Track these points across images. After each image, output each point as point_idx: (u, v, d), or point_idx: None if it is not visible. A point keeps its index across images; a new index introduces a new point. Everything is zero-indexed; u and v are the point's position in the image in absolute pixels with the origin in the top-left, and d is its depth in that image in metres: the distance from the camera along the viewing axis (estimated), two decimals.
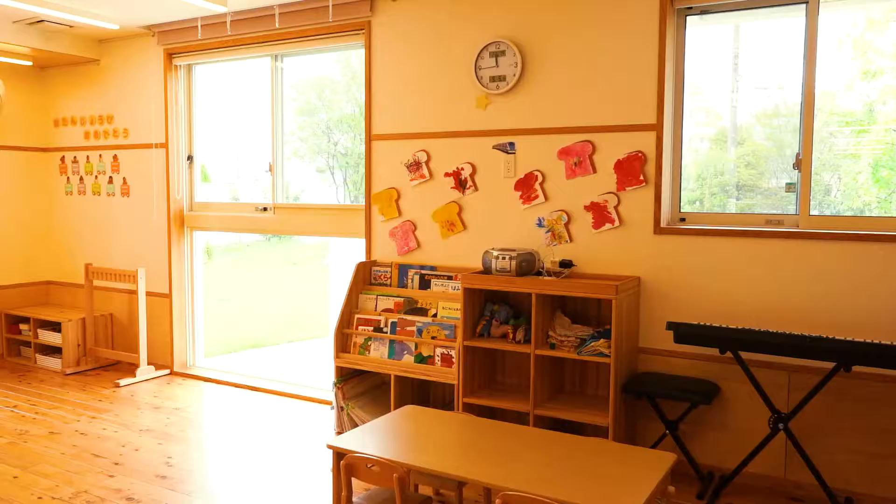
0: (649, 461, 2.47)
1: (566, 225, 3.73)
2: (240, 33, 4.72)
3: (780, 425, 3.08)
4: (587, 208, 3.67)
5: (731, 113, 3.65)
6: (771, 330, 3.07)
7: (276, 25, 4.54)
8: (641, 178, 3.52)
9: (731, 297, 3.38)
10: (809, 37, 3.26)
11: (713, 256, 3.40)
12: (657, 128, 3.47)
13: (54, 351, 5.49)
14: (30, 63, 5.60)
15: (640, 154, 3.51)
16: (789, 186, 3.41)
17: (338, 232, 4.66)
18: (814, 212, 3.33)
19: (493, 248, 3.64)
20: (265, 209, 4.95)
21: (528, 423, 3.41)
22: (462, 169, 4.02)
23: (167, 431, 4.09)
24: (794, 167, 3.36)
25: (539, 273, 3.62)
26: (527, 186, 3.82)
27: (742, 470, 3.19)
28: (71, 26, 4.97)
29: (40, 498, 3.20)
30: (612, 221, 3.61)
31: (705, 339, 3.12)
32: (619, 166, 3.57)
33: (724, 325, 3.13)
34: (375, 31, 4.25)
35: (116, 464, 3.60)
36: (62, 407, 4.53)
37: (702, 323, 3.27)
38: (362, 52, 4.36)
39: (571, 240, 3.72)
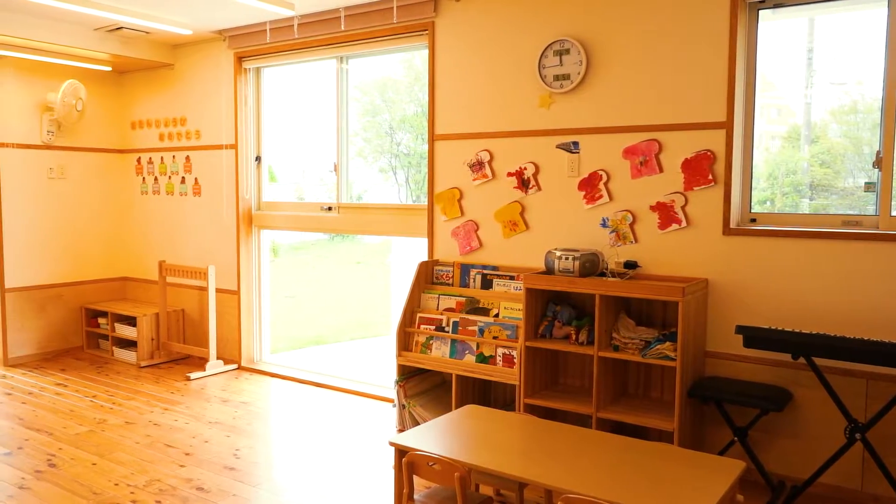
0: (717, 468, 2.40)
1: (631, 225, 3.66)
2: (306, 36, 4.82)
3: (857, 435, 2.95)
4: (653, 208, 3.60)
5: (805, 110, 3.52)
6: (847, 336, 2.95)
7: (342, 28, 4.62)
8: (710, 177, 3.43)
9: (803, 301, 3.26)
10: (892, 29, 3.11)
11: (785, 258, 3.29)
12: (727, 125, 3.38)
13: (130, 344, 5.73)
14: (109, 68, 5.86)
15: (708, 153, 3.42)
16: (868, 186, 3.26)
17: (400, 231, 4.71)
18: (895, 212, 3.18)
19: (555, 249, 3.61)
20: (330, 209, 5.04)
21: (591, 426, 3.37)
22: (525, 168, 4.00)
23: (235, 424, 4.22)
24: (873, 166, 3.22)
25: (603, 274, 3.58)
26: (591, 186, 3.78)
27: (815, 480, 3.07)
28: (147, 32, 5.17)
29: (117, 484, 3.34)
30: (678, 222, 3.53)
31: (777, 343, 3.02)
32: (687, 165, 3.49)
33: (796, 330, 3.02)
34: (439, 32, 4.28)
35: (187, 454, 3.73)
36: (137, 398, 4.72)
37: (773, 327, 3.16)
38: (426, 52, 4.39)
39: (636, 240, 3.66)
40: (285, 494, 3.27)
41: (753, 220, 3.49)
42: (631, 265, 3.56)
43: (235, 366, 5.48)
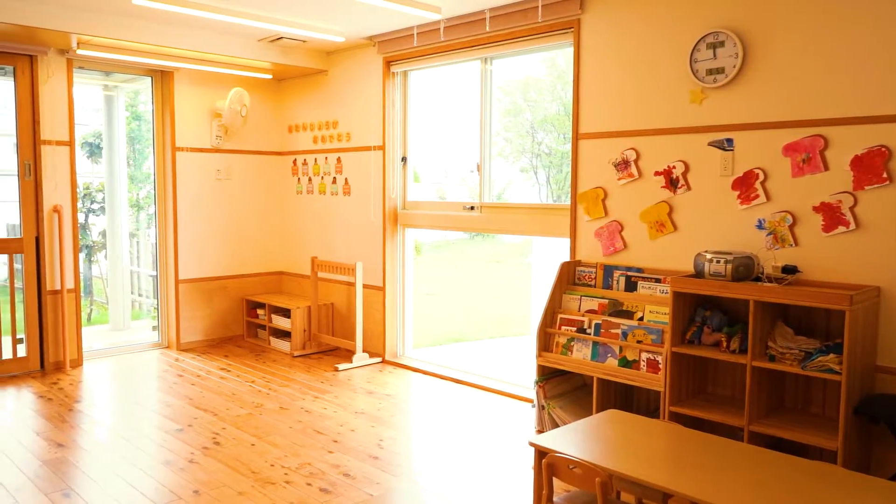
0: (886, 493, 2.19)
1: (790, 227, 3.42)
2: (452, 39, 4.91)
3: None
4: (816, 209, 3.34)
5: None
6: None
7: (486, 29, 4.66)
8: (884, 175, 3.13)
9: None
10: None
11: None
12: None
13: (284, 335, 6.11)
14: (269, 76, 6.27)
15: (883, 149, 3.13)
16: None
17: (542, 231, 4.68)
18: None
19: (706, 251, 3.45)
20: (472, 208, 5.11)
21: (742, 440, 3.19)
22: (673, 167, 3.85)
23: (379, 416, 4.38)
24: None
25: (758, 279, 3.37)
26: (746, 185, 3.57)
27: None
28: (304, 41, 5.49)
29: (272, 465, 3.58)
30: (846, 224, 3.25)
31: None
32: (857, 163, 3.21)
33: None
34: (585, 29, 4.21)
35: (335, 441, 3.93)
36: (290, 385, 5.02)
37: None
38: (570, 50, 4.33)
39: (796, 243, 3.41)
40: (426, 486, 3.36)
41: None
42: (790, 270, 3.32)
43: (380, 359, 5.69)
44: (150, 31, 4.98)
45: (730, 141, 3.62)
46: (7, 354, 5.27)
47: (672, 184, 3.86)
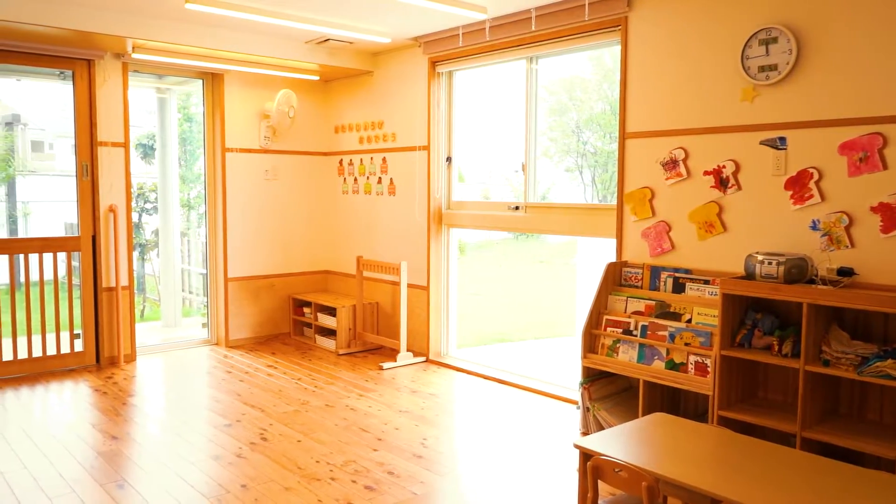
0: None
1: (846, 228, 3.32)
2: (497, 38, 4.90)
3: None
4: (874, 210, 3.23)
5: None
6: None
7: (532, 28, 4.64)
8: None
9: None
10: None
11: None
12: None
13: (330, 333, 6.18)
14: (317, 78, 6.35)
15: None
16: None
17: (588, 231, 4.64)
18: None
19: (757, 252, 3.37)
20: (517, 208, 5.09)
21: (794, 446, 3.11)
22: (723, 167, 3.77)
23: (423, 415, 4.40)
24: None
25: (812, 281, 3.28)
26: (799, 185, 3.48)
27: None
28: (351, 43, 5.54)
29: (318, 462, 3.63)
30: None
31: None
32: None
33: None
34: (632, 26, 4.15)
35: (379, 439, 3.96)
36: (335, 383, 5.08)
37: None
38: (617, 48, 4.28)
39: (853, 245, 3.31)
40: (470, 486, 3.36)
41: None
42: (846, 272, 3.22)
43: (424, 358, 5.72)
44: (202, 35, 5.10)
45: (782, 140, 3.53)
46: (65, 349, 5.46)
47: (722, 183, 3.79)
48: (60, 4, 4.47)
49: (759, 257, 3.31)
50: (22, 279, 5.32)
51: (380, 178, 6.15)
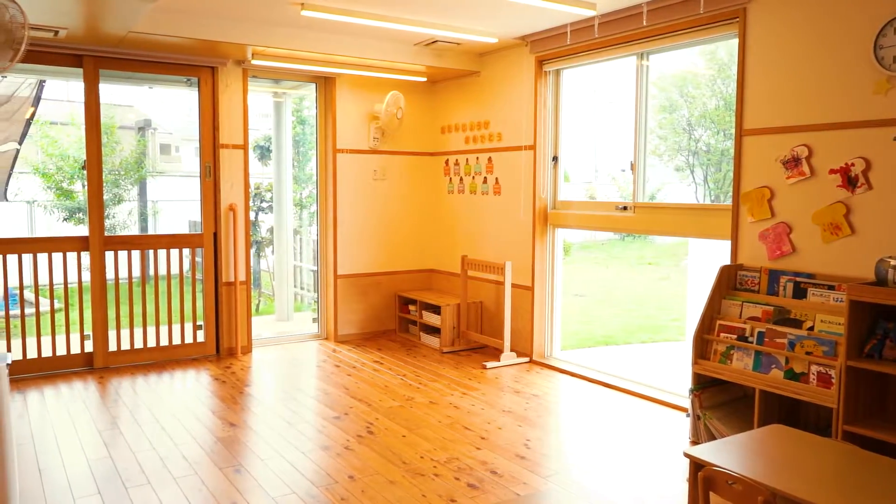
0: None
1: None
2: (606, 35, 4.80)
3: None
4: None
5: None
6: None
7: (643, 23, 4.51)
8: None
9: None
10: None
11: None
12: None
13: (434, 331, 6.26)
14: (424, 79, 6.45)
15: None
16: None
17: (700, 233, 4.47)
18: None
19: (889, 257, 3.14)
20: (625, 208, 4.97)
21: None
22: (852, 165, 3.53)
23: (526, 415, 4.38)
24: None
25: None
26: None
27: None
28: (458, 44, 5.59)
29: (422, 457, 3.68)
30: None
31: None
32: None
33: None
34: (752, 17, 3.96)
35: (482, 438, 3.97)
36: (439, 381, 5.14)
37: None
38: (734, 42, 4.09)
39: None
40: (574, 490, 3.31)
41: None
42: None
43: (527, 359, 5.69)
44: (316, 40, 5.29)
45: None
46: (189, 339, 5.81)
47: (850, 183, 3.55)
48: (190, 16, 4.76)
49: (893, 262, 3.08)
50: (151, 273, 5.71)
51: (485, 177, 6.17)
